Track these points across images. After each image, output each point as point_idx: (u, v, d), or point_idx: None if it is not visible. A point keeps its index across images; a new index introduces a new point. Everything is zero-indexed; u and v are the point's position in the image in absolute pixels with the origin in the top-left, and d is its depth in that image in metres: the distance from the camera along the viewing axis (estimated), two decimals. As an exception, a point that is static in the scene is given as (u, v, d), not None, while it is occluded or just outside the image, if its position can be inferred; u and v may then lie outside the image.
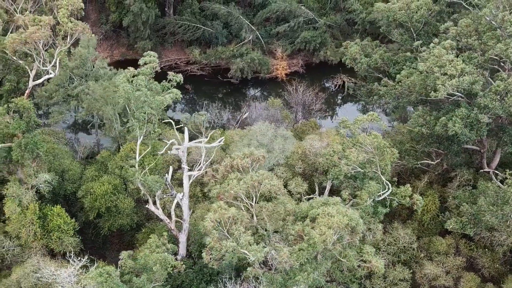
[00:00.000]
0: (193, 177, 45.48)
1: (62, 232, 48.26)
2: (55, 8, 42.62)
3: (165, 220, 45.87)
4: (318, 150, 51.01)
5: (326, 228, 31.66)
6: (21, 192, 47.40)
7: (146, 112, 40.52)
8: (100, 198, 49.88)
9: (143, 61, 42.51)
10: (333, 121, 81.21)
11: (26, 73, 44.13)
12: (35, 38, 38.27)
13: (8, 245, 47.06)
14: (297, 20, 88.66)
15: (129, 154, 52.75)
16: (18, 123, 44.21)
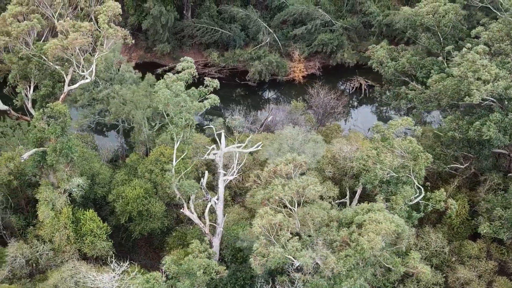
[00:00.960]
0: (226, 181, 45.64)
1: (95, 236, 48.43)
2: (91, 14, 42.78)
3: (199, 224, 46.04)
4: (347, 154, 51.15)
5: (374, 235, 31.83)
6: (55, 196, 47.57)
7: (184, 118, 40.62)
8: (132, 202, 50.06)
9: (180, 66, 42.64)
10: (346, 123, 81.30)
11: (62, 78, 44.22)
12: (77, 45, 38.43)
13: (42, 249, 47.18)
14: (314, 23, 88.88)
15: (159, 158, 52.97)
16: (54, 127, 44.36)
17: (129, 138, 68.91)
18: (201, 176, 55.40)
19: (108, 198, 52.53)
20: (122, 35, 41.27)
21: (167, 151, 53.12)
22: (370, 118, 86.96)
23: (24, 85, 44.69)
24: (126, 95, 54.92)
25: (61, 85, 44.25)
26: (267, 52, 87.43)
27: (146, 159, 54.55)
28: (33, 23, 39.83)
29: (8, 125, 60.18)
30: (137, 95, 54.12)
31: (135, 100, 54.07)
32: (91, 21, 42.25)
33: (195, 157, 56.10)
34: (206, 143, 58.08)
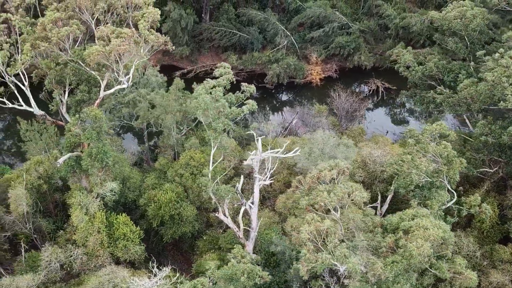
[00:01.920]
0: (260, 185, 45.83)
1: (128, 240, 48.62)
2: (129, 19, 42.96)
3: (234, 229, 46.25)
4: (378, 159, 51.32)
5: (423, 241, 32.03)
6: (88, 200, 47.77)
7: (223, 123, 40.83)
8: (164, 206, 50.28)
9: (218, 72, 42.81)
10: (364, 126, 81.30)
11: (98, 83, 44.43)
12: (121, 51, 38.61)
13: (76, 254, 47.35)
14: (331, 25, 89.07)
15: (189, 162, 53.19)
16: (90, 133, 44.57)
17: (155, 142, 69.35)
18: (230, 180, 55.82)
19: (139, 202, 52.75)
20: (162, 41, 41.43)
21: (197, 155, 53.38)
22: (384, 120, 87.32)
23: (59, 90, 44.84)
24: (156, 100, 55.11)
25: (97, 90, 44.40)
26: (285, 55, 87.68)
27: (175, 163, 54.79)
28: (72, 29, 40.02)
29: (35, 129, 60.47)
30: (167, 99, 54.31)
31: (164, 105, 54.25)
32: (128, 27, 42.40)
33: (223, 161, 56.37)
34: (233, 147, 58.44)
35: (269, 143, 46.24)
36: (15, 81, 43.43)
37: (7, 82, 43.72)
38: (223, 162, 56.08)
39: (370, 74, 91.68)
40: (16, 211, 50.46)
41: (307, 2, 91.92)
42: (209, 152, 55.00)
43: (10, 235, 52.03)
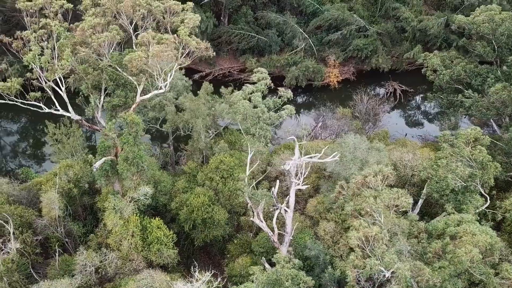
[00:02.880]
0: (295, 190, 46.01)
1: (161, 244, 48.74)
2: (168, 25, 43.11)
3: (268, 233, 46.39)
4: (408, 162, 51.45)
5: (471, 247, 32.20)
6: (123, 204, 47.93)
7: (261, 128, 40.99)
8: (197, 210, 50.41)
9: (256, 77, 42.98)
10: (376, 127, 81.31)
11: (134, 88, 44.64)
12: (164, 57, 38.77)
13: (111, 258, 47.48)
14: (349, 28, 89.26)
15: (219, 166, 53.31)
16: (127, 137, 44.73)
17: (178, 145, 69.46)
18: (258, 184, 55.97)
19: (170, 205, 52.92)
20: (204, 47, 41.60)
21: (227, 159, 53.50)
22: (400, 122, 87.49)
23: (96, 95, 45.05)
24: (185, 104, 55.32)
25: (133, 95, 44.56)
26: (303, 58, 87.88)
27: (205, 167, 54.92)
28: (112, 35, 40.19)
29: (63, 133, 60.72)
30: (197, 103, 54.51)
31: (194, 109, 54.44)
32: (165, 32, 42.56)
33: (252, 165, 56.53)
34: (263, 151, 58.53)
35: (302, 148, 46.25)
36: (52, 85, 43.58)
37: (44, 87, 43.82)
38: (251, 166, 56.33)
39: (387, 77, 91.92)
40: (49, 215, 50.65)
41: (325, 5, 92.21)
42: (238, 156, 55.33)
43: (41, 239, 52.22)
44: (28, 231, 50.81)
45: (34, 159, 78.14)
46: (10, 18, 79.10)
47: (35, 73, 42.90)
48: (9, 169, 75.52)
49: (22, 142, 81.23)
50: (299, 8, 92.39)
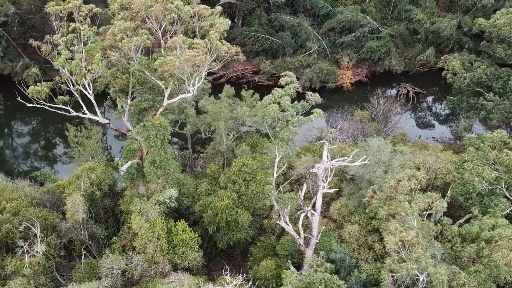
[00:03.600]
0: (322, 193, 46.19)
1: (187, 247, 48.90)
2: (196, 29, 43.27)
3: (295, 236, 46.57)
4: (431, 166, 51.55)
5: (508, 251, 32.36)
6: (149, 207, 48.07)
7: (290, 132, 41.16)
8: (221, 212, 50.56)
9: (284, 81, 43.11)
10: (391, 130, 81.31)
11: (162, 92, 44.80)
12: (198, 62, 38.89)
13: (137, 261, 47.63)
14: (362, 30, 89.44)
15: (241, 169, 53.46)
16: (154, 141, 44.90)
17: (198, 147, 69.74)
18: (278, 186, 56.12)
19: (193, 208, 53.09)
20: (234, 51, 41.77)
21: (249, 161, 53.64)
22: (410, 123, 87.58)
23: (122, 98, 45.21)
24: (207, 107, 55.49)
25: (160, 99, 44.74)
26: (317, 60, 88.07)
27: (227, 170, 55.09)
28: (142, 39, 40.35)
29: (84, 136, 60.94)
30: (219, 106, 54.68)
31: (216, 112, 54.61)
32: (194, 37, 42.71)
33: (271, 168, 56.68)
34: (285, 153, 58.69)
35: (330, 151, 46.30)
36: (81, 88, 43.77)
37: (72, 90, 44.00)
38: (272, 169, 56.46)
39: (399, 78, 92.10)
40: (73, 218, 50.81)
41: (337, 7, 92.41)
42: (260, 158, 55.47)
43: (65, 242, 52.36)
44: (52, 234, 51.01)
45: (45, 160, 78.34)
46: (26, 21, 79.39)
47: (63, 76, 43.03)
48: (21, 170, 75.63)
49: (33, 144, 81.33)
50: (312, 10, 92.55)
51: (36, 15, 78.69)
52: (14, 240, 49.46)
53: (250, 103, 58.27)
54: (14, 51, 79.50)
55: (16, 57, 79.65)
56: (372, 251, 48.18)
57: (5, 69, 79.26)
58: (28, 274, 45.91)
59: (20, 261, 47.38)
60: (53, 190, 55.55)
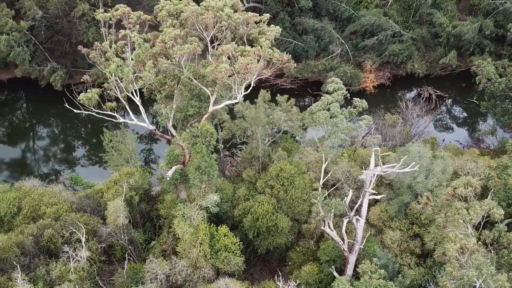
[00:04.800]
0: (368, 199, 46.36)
1: (229, 251, 49.14)
2: (244, 36, 43.48)
3: (339, 242, 46.81)
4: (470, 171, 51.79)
5: None
6: (193, 212, 48.32)
7: (339, 138, 41.44)
8: (262, 217, 50.80)
9: (332, 88, 43.38)
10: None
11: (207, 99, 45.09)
12: (252, 69, 39.14)
13: (182, 266, 47.87)
14: (385, 34, 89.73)
15: (279, 173, 53.70)
16: (201, 147, 45.14)
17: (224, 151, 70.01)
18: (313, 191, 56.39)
19: (232, 213, 53.32)
20: (286, 59, 42.00)
21: (287, 166, 53.88)
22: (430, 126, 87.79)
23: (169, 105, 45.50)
24: (244, 112, 55.77)
25: (206, 105, 45.00)
26: (340, 63, 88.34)
27: (263, 175, 55.30)
28: (193, 46, 40.59)
29: (119, 140, 61.23)
30: (257, 111, 54.96)
31: (254, 117, 54.88)
32: (242, 44, 42.92)
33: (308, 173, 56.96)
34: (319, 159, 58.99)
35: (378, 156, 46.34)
36: (130, 95, 44.06)
37: (120, 97, 44.29)
38: (309, 174, 56.75)
39: (420, 82, 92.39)
40: (114, 223, 51.06)
41: (359, 11, 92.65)
42: (296, 163, 55.74)
43: (105, 246, 52.61)
44: (93, 239, 51.26)
45: (64, 163, 78.59)
46: (53, 25, 79.65)
47: (111, 83, 43.29)
48: (41, 173, 75.68)
49: (59, 147, 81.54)
50: (334, 14, 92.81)
51: (63, 19, 78.96)
52: (57, 245, 49.76)
53: (285, 108, 58.58)
54: (41, 55, 79.76)
55: (43, 61, 79.93)
56: (415, 256, 48.49)
57: (33, 73, 79.44)
58: (74, 279, 46.14)
59: (64, 266, 47.63)
60: (91, 195, 55.77)
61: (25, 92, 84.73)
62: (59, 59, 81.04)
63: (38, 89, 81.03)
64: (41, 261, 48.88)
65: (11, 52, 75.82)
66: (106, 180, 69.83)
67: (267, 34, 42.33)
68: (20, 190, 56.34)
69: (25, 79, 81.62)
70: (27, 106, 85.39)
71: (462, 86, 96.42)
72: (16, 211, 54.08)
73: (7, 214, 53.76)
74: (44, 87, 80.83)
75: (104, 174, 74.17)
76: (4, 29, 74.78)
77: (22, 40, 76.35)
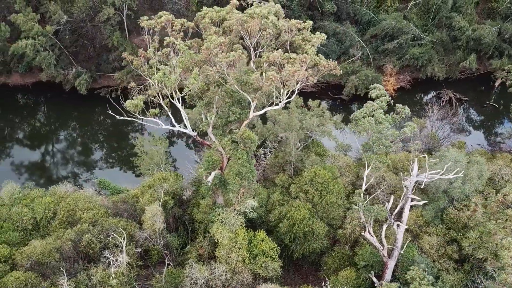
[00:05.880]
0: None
1: (267, 256, 49.42)
2: (287, 43, 43.80)
3: (378, 248, 47.08)
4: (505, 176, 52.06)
5: None
6: (231, 218, 48.62)
7: (384, 145, 41.70)
8: (299, 223, 51.08)
9: (375, 94, 43.66)
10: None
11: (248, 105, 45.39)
12: (300, 77, 39.43)
13: (221, 271, 48.14)
14: (405, 37, 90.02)
15: (313, 178, 53.97)
16: (242, 153, 45.41)
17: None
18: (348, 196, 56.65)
19: (266, 218, 53.60)
20: (333, 65, 42.27)
21: (321, 172, 54.15)
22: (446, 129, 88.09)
23: (209, 111, 45.80)
24: (278, 117, 56.09)
25: (247, 111, 45.28)
26: (360, 66, 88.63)
27: (298, 179, 55.55)
28: (238, 54, 40.89)
29: (152, 145, 61.56)
30: (291, 117, 55.27)
31: (288, 122, 55.19)
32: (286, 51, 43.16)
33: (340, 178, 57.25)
34: (350, 164, 59.32)
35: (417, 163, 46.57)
36: (175, 102, 44.37)
37: (162, 104, 44.57)
38: (342, 179, 57.05)
39: (439, 85, 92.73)
40: (152, 228, 51.35)
41: (379, 14, 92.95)
42: (330, 168, 56.03)
43: (141, 251, 52.91)
44: (131, 243, 51.55)
45: (82, 166, 78.85)
46: (77, 29, 79.98)
47: (154, 90, 43.57)
48: (67, 176, 75.95)
49: (77, 150, 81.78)
50: (354, 17, 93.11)
51: (87, 23, 79.29)
52: (95, 250, 50.05)
53: (317, 112, 58.91)
54: (66, 59, 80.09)
55: (68, 65, 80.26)
56: (453, 262, 48.76)
57: (58, 77, 79.79)
58: (115, 284, 46.44)
59: (104, 271, 47.92)
60: (127, 200, 56.08)
61: (49, 96, 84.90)
62: (83, 63, 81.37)
63: (63, 93, 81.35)
64: (80, 266, 49.17)
65: (37, 57, 76.15)
66: (134, 183, 70.46)
67: (312, 41, 42.56)
68: (55, 195, 56.62)
69: (49, 83, 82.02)
70: (50, 110, 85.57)
71: (481, 89, 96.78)
72: (52, 216, 54.38)
73: (43, 219, 54.11)
74: (68, 91, 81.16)
75: (129, 177, 74.61)
76: (30, 33, 75.09)
77: (47, 45, 76.69)
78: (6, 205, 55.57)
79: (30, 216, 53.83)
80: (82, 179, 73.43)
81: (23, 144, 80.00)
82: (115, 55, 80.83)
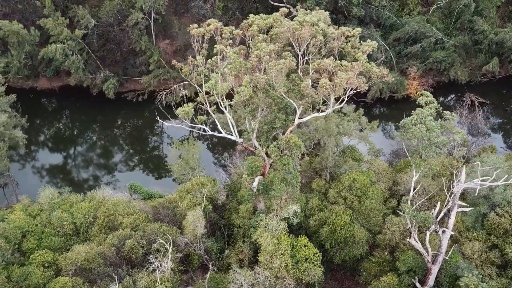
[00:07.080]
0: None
1: (309, 262, 49.66)
2: (335, 50, 44.07)
3: (423, 253, 47.33)
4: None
5: None
6: (275, 223, 48.89)
7: (433, 152, 41.97)
8: (340, 228, 51.34)
9: (423, 101, 43.91)
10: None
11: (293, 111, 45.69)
12: (354, 84, 39.74)
13: (265, 276, 48.38)
14: (428, 41, 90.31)
15: (352, 184, 54.22)
16: (287, 159, 45.68)
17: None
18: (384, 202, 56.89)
19: (306, 223, 53.84)
20: (385, 73, 42.54)
21: (360, 177, 54.40)
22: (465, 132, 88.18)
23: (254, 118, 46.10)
24: (316, 123, 56.38)
25: (292, 118, 45.60)
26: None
27: (336, 185, 55.78)
28: (289, 61, 41.20)
29: (187, 150, 61.82)
30: (328, 123, 55.54)
31: (326, 128, 55.46)
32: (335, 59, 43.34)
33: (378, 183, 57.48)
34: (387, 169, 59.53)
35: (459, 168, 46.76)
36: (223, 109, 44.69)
37: (209, 110, 44.90)
38: (379, 184, 57.29)
39: (461, 88, 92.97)
40: (193, 233, 51.66)
41: (402, 18, 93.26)
42: (368, 174, 56.28)
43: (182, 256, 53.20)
44: (172, 248, 51.80)
45: (102, 169, 79.09)
46: (105, 33, 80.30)
47: (202, 97, 43.89)
48: (75, 179, 75.89)
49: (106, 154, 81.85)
50: (377, 21, 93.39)
51: (115, 27, 79.62)
52: (138, 255, 50.36)
53: (353, 117, 59.19)
54: (94, 63, 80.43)
55: (95, 69, 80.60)
56: (495, 267, 48.99)
57: (85, 81, 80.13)
58: (161, 290, 46.74)
59: (148, 277, 48.21)
60: (166, 205, 56.36)
61: (76, 100, 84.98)
62: (110, 67, 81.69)
63: (90, 97, 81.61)
64: (124, 271, 49.48)
65: (66, 61, 76.50)
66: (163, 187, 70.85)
67: (363, 48, 42.86)
68: (94, 199, 56.91)
69: (76, 87, 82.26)
70: (78, 113, 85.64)
71: (503, 92, 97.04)
72: (92, 221, 54.69)
73: (83, 224, 54.41)
74: (96, 95, 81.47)
75: (157, 181, 74.95)
76: (59, 37, 75.44)
77: (76, 49, 77.06)
78: (45, 210, 55.85)
79: (70, 221, 54.12)
80: (113, 183, 73.62)
81: (49, 147, 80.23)
82: (142, 59, 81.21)
